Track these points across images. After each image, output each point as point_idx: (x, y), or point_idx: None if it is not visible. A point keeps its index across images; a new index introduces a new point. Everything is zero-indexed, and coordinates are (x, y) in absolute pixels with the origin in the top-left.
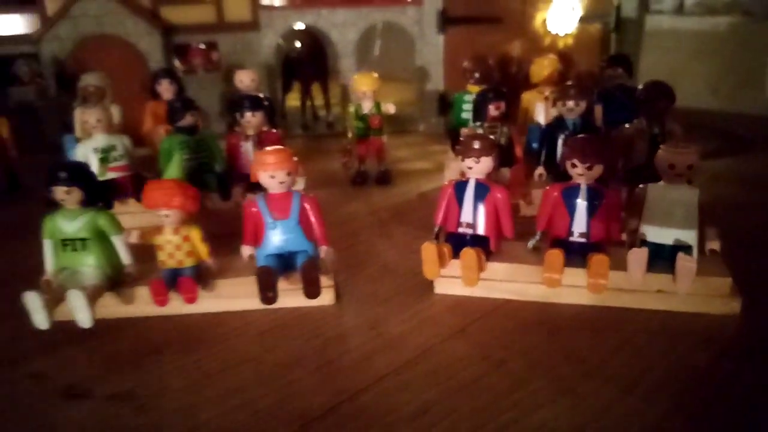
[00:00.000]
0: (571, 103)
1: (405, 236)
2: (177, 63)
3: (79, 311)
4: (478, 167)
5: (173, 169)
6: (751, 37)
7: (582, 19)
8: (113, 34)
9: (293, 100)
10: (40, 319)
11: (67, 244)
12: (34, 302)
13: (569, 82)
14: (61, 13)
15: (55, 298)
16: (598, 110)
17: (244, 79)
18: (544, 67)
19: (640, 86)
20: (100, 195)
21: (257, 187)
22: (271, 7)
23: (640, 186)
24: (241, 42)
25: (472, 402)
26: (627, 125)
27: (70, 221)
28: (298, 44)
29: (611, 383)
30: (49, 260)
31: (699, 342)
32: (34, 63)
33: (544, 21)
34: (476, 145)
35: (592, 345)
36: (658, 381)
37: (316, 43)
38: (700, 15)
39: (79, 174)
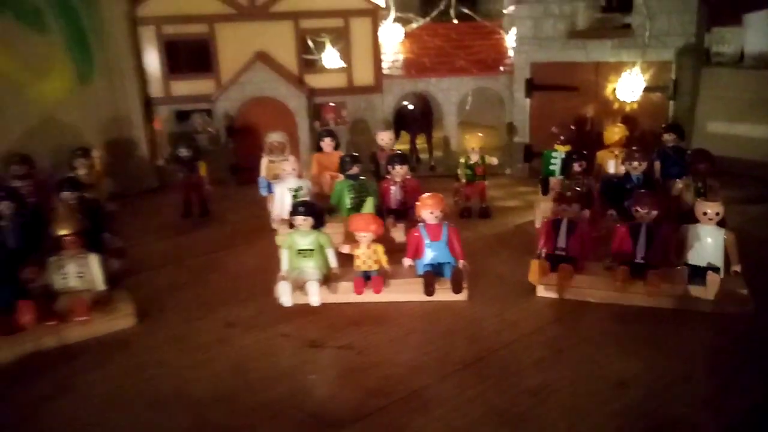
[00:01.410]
0: (635, 164)
1: (510, 256)
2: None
3: (313, 295)
4: (569, 210)
5: (368, 207)
6: None
7: (646, 89)
8: (270, 96)
9: (402, 144)
10: (286, 299)
11: (300, 252)
12: (285, 288)
13: (634, 147)
14: (233, 80)
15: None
16: (657, 166)
17: (385, 138)
18: (614, 133)
19: (689, 151)
20: (320, 221)
21: (400, 217)
22: (391, 76)
23: (685, 226)
24: (366, 102)
25: (571, 359)
26: (678, 180)
27: (303, 238)
28: (409, 103)
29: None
30: (285, 262)
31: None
32: (208, 116)
33: (614, 90)
34: (568, 195)
35: (649, 330)
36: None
37: (424, 102)
38: (756, 68)
39: (311, 208)
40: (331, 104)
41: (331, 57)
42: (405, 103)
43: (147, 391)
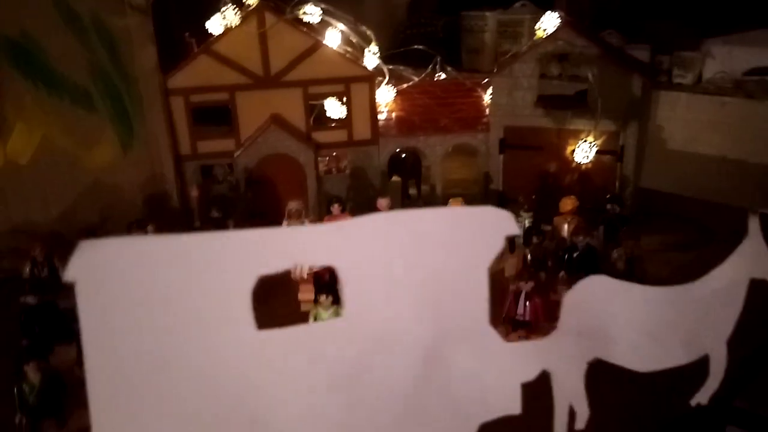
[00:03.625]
0: (581, 238)
1: None
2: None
3: None
4: (525, 286)
5: None
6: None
7: (598, 152)
8: (283, 152)
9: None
10: None
11: None
12: None
13: (581, 222)
14: (251, 139)
15: None
16: (600, 232)
17: (383, 204)
18: (567, 204)
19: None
20: (338, 298)
21: None
22: (386, 135)
23: None
24: (364, 153)
25: None
26: (615, 250)
27: (326, 311)
28: (401, 152)
29: None
30: None
31: None
32: (228, 168)
33: (572, 151)
34: (524, 275)
35: None
36: None
37: (414, 153)
38: (711, 93)
39: (331, 288)
40: (333, 154)
41: (334, 116)
42: (398, 150)
43: None
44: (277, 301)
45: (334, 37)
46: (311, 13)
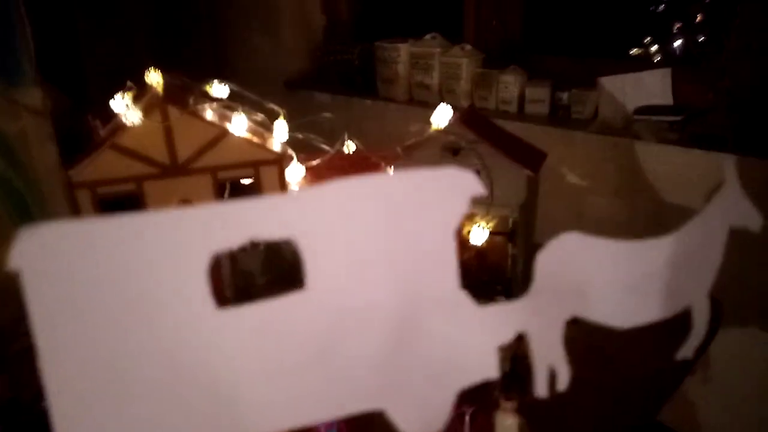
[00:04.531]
0: None
1: None
2: None
3: None
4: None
5: None
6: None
7: (491, 233)
8: None
9: None
10: None
11: None
12: None
13: None
14: None
15: None
16: None
17: None
18: None
19: None
20: None
21: None
22: None
23: None
24: None
25: None
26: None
27: None
28: None
29: None
30: None
31: None
32: None
33: (468, 232)
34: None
35: None
36: None
37: None
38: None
39: None
40: None
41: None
42: None
43: None
44: None
45: (240, 123)
46: (218, 91)
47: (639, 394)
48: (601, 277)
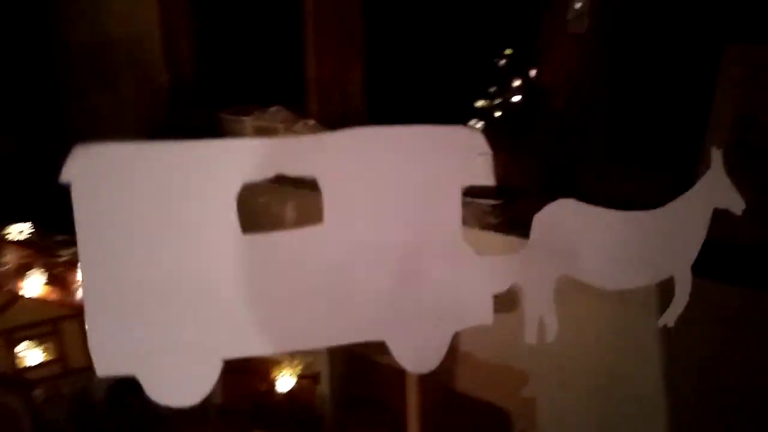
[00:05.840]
0: None
1: None
2: None
3: None
4: None
5: None
6: None
7: (299, 377)
8: None
9: None
10: None
11: None
12: None
13: None
14: None
15: None
16: None
17: None
18: None
19: None
20: None
21: None
22: None
23: None
24: (86, 377)
25: None
26: None
27: None
28: None
29: None
30: None
31: None
32: None
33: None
34: None
35: None
36: None
37: None
38: None
39: None
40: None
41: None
42: None
43: None
44: None
45: (35, 283)
46: (20, 233)
47: None
48: (593, 241)
